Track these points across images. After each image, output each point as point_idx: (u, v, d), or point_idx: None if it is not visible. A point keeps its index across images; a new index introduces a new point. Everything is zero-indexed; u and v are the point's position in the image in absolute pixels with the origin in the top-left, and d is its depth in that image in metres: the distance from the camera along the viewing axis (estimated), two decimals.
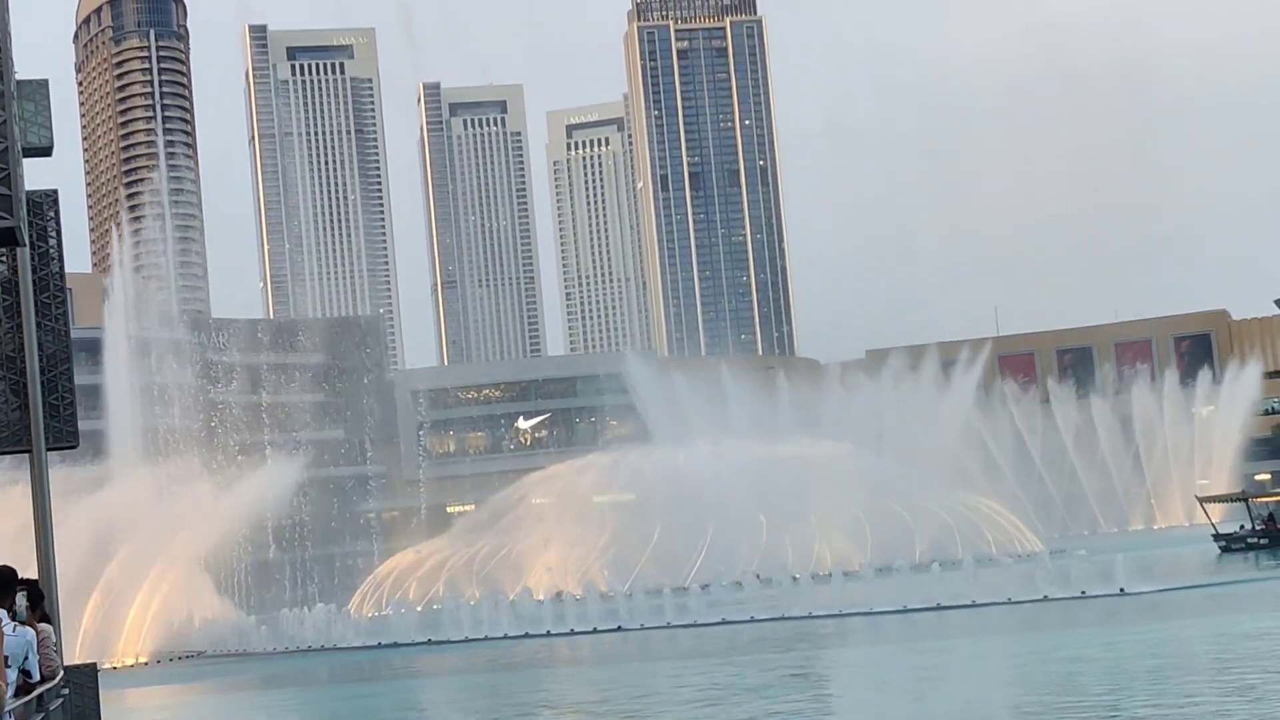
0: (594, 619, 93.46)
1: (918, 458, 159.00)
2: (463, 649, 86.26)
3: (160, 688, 78.38)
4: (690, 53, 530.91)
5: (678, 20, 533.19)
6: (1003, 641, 62.61)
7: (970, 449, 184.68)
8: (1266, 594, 73.37)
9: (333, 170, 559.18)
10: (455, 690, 64.56)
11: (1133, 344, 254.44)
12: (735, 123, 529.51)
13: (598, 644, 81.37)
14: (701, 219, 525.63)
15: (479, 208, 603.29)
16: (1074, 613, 71.92)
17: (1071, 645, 55.67)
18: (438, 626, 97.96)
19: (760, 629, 79.66)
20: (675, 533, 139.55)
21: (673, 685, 54.97)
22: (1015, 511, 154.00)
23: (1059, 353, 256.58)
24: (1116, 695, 40.12)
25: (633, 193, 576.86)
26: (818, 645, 68.94)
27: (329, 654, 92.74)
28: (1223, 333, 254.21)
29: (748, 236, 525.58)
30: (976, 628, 69.17)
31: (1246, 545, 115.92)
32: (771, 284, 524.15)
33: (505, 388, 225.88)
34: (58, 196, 29.31)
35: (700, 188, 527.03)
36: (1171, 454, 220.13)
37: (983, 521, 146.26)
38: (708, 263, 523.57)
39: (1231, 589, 78.81)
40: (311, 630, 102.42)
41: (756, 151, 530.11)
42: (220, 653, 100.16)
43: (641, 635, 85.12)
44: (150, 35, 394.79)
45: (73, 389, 28.46)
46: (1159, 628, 60.16)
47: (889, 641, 68.25)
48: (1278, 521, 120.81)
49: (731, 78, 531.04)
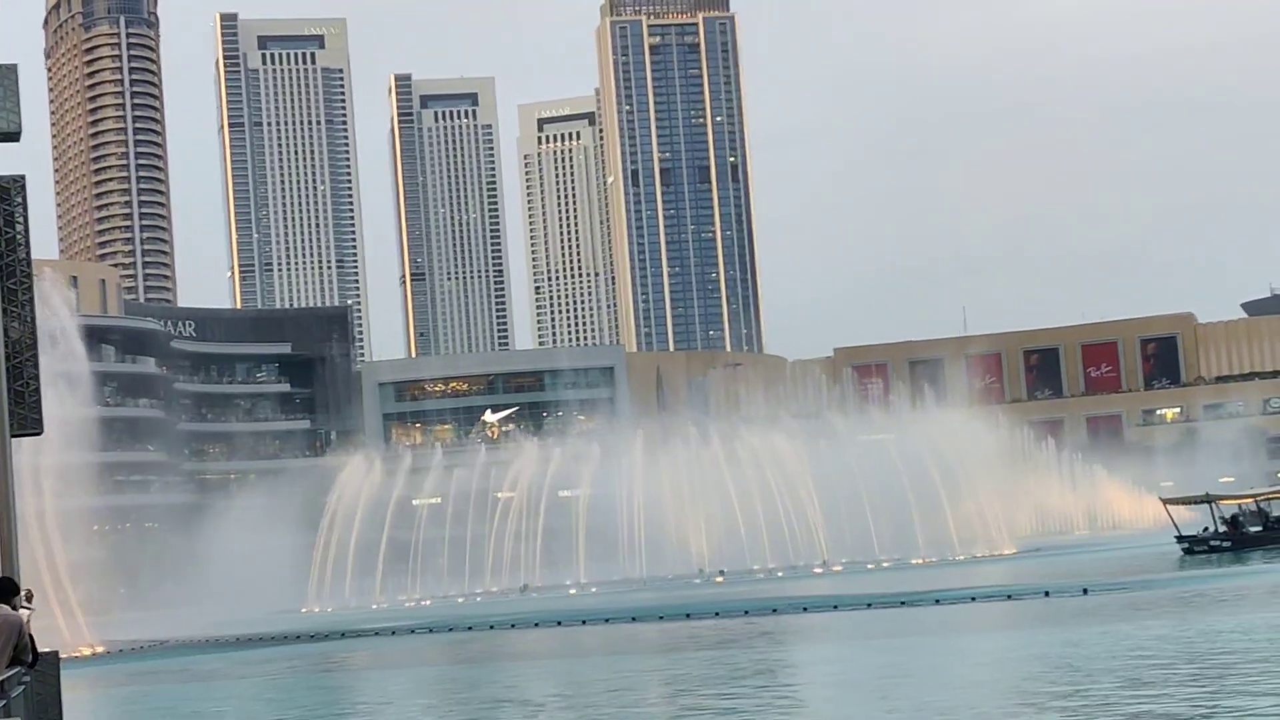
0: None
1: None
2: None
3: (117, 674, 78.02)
4: (662, 48, 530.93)
5: (650, 15, 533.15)
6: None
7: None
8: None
9: (302, 160, 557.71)
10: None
11: (1099, 345, 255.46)
12: (707, 119, 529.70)
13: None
14: (672, 215, 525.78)
15: (449, 200, 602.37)
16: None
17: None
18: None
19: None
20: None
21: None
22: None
23: (1026, 353, 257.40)
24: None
25: (603, 187, 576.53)
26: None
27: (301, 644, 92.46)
28: (1189, 336, 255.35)
29: (717, 233, 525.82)
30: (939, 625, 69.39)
31: (1209, 548, 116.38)
32: (741, 281, 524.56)
33: (473, 380, 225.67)
34: (25, 182, 29.15)
35: (671, 183, 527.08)
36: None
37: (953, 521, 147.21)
38: (677, 259, 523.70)
39: (1197, 587, 79.17)
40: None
41: (727, 148, 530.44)
42: (180, 640, 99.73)
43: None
44: (120, 22, 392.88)
45: (38, 375, 28.28)
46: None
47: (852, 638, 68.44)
48: (1241, 524, 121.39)
49: (703, 74, 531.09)
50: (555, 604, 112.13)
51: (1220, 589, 78.29)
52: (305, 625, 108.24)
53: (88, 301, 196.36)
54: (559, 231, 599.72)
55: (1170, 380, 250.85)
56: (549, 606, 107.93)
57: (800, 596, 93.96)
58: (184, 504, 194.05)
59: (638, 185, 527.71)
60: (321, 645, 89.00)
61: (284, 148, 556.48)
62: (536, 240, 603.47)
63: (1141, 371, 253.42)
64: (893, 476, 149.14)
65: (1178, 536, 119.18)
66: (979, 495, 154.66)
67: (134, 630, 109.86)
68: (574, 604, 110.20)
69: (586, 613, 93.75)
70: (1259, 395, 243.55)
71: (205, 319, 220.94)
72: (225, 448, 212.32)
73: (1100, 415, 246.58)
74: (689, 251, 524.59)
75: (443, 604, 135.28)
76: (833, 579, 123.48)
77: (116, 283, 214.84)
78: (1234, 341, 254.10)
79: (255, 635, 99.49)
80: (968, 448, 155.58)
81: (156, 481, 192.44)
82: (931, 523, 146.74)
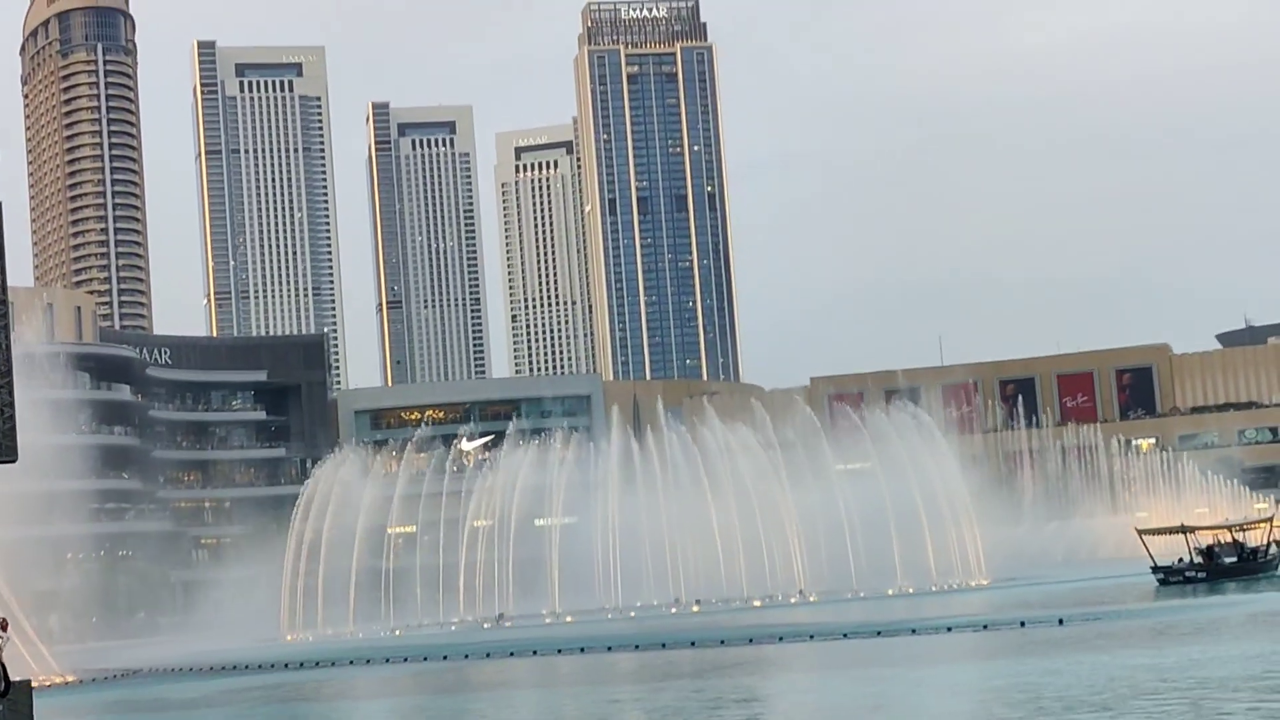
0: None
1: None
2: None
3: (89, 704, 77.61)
4: (640, 77, 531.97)
5: (628, 45, 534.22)
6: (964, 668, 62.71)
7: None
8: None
9: (279, 187, 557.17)
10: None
11: (1075, 376, 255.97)
12: (684, 148, 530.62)
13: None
14: (649, 243, 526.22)
15: (426, 228, 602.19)
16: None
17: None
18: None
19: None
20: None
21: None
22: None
23: (1002, 383, 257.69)
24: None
25: (580, 216, 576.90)
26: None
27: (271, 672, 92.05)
28: (1164, 366, 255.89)
29: (694, 262, 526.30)
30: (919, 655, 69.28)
31: (1185, 579, 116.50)
32: (718, 310, 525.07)
33: (449, 409, 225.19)
34: (0, 208, 29.05)
35: (648, 212, 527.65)
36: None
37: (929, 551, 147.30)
38: (654, 287, 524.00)
39: (1172, 618, 79.23)
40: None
41: (705, 177, 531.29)
42: (153, 669, 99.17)
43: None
44: (98, 49, 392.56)
45: (12, 403, 28.13)
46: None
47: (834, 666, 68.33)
48: (1216, 556, 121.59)
49: (681, 103, 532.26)
50: (530, 633, 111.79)
51: (1195, 620, 78.37)
52: (279, 655, 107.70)
53: (63, 328, 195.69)
54: (536, 259, 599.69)
55: (1146, 411, 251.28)
56: (524, 636, 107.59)
57: (776, 626, 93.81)
58: (159, 532, 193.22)
59: (615, 214, 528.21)
60: (296, 675, 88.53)
61: (261, 175, 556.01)
62: (514, 268, 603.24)
63: (1117, 402, 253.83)
64: (869, 507, 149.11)
65: (1153, 567, 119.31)
66: (955, 526, 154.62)
67: (108, 659, 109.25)
68: (549, 633, 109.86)
69: (562, 642, 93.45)
70: (1234, 426, 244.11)
71: (181, 346, 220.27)
72: (201, 476, 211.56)
73: (1076, 445, 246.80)
74: (666, 280, 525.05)
75: (417, 633, 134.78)
76: (809, 609, 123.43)
77: (92, 310, 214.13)
78: (1209, 372, 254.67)
79: (230, 664, 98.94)
80: (943, 478, 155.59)
81: (131, 509, 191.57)
82: (908, 553, 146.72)
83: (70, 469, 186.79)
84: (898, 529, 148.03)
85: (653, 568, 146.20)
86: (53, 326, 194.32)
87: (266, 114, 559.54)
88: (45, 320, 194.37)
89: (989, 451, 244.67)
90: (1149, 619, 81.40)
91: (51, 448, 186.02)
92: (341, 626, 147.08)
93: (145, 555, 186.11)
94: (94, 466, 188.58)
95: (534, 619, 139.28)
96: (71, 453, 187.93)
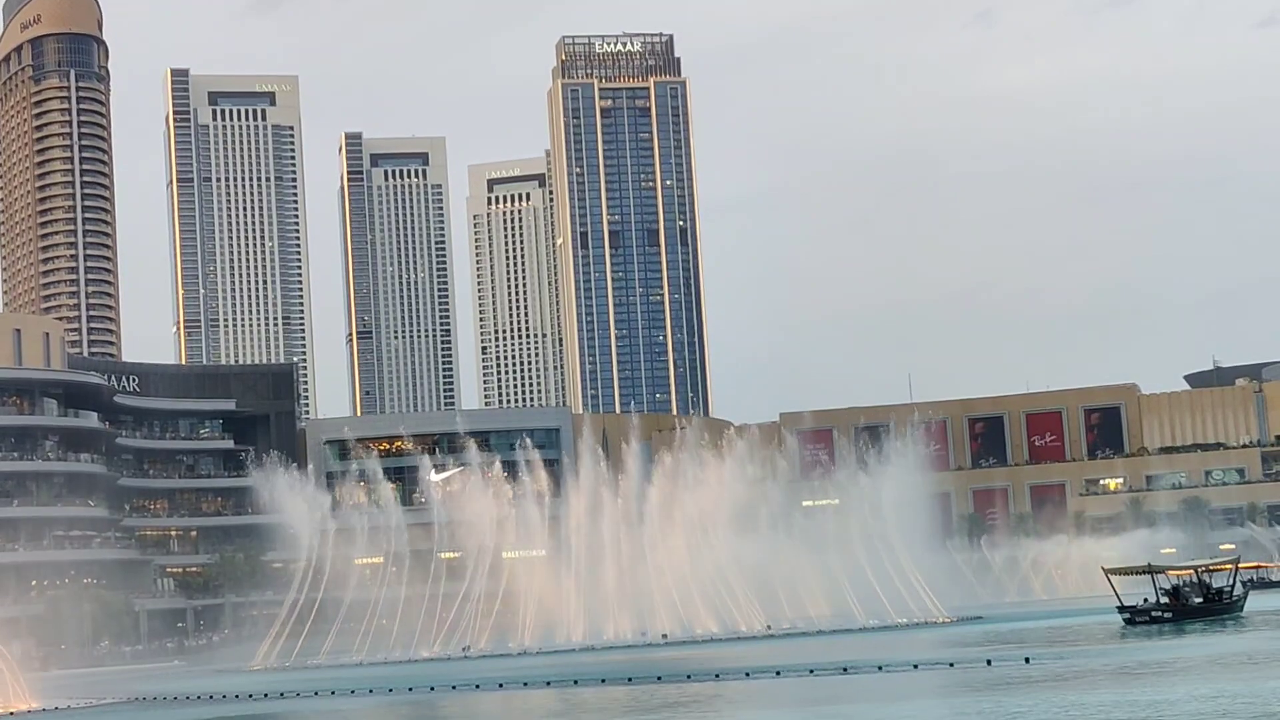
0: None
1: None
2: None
3: None
4: (613, 111, 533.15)
5: (602, 79, 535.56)
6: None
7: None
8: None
9: (251, 216, 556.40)
10: None
11: (1044, 415, 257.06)
12: (656, 182, 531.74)
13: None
14: (620, 277, 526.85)
15: (397, 259, 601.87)
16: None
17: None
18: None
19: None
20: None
21: None
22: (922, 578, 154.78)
23: (971, 421, 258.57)
24: None
25: (552, 249, 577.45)
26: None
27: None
28: (1132, 406, 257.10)
29: (665, 296, 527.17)
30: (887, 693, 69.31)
31: (1150, 618, 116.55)
32: (688, 344, 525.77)
33: (418, 440, 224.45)
34: None
35: (620, 246, 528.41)
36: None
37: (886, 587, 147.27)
38: (625, 321, 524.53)
39: (1138, 657, 79.33)
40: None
41: (677, 212, 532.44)
42: (118, 700, 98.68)
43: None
44: (70, 76, 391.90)
45: None
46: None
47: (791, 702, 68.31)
48: (1182, 596, 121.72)
49: (654, 138, 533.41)
50: (497, 667, 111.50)
51: (1161, 660, 78.49)
52: (243, 685, 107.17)
53: (32, 355, 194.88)
54: (507, 292, 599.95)
55: (1113, 450, 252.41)
56: (491, 669, 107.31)
57: (743, 663, 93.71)
58: (125, 560, 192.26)
59: (587, 247, 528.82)
60: (262, 705, 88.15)
61: (233, 204, 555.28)
62: (484, 300, 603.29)
63: (1085, 441, 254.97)
64: (836, 542, 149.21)
65: (1119, 607, 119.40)
66: (921, 562, 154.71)
67: (73, 688, 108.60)
68: (516, 667, 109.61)
69: (529, 675, 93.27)
70: (1201, 466, 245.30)
71: (149, 374, 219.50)
72: (167, 504, 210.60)
73: (1044, 484, 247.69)
74: (637, 314, 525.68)
75: (383, 665, 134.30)
76: (776, 643, 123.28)
77: (60, 336, 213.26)
78: (1177, 413, 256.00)
79: (194, 694, 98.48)
80: (910, 514, 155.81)
81: (97, 537, 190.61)
82: (874, 589, 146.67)
83: (36, 495, 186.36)
84: (863, 565, 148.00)
85: (618, 601, 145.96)
86: (21, 352, 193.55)
87: (239, 143, 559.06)
88: (13, 346, 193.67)
89: (957, 489, 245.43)
90: (1115, 658, 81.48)
91: (17, 473, 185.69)
92: (308, 658, 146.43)
93: (110, 583, 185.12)
94: (60, 493, 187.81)
95: (501, 652, 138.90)
96: (38, 479, 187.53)
